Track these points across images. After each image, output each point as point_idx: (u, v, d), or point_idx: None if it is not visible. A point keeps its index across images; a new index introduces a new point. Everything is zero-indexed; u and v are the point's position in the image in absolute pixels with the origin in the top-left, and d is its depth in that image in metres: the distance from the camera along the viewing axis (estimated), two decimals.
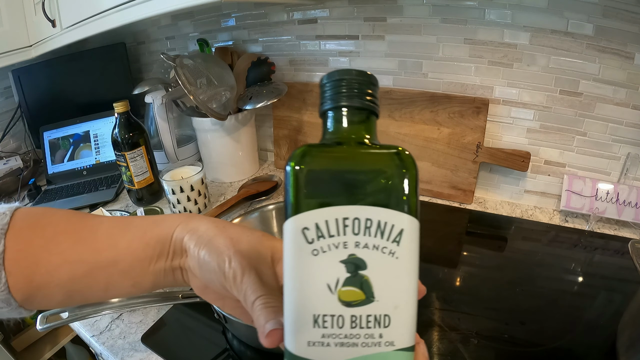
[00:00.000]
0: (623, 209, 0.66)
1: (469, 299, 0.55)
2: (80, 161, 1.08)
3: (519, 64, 0.68)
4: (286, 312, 0.19)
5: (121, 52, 1.13)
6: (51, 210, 0.29)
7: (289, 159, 0.20)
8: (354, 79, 0.21)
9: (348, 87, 0.21)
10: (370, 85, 0.21)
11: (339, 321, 0.19)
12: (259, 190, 0.84)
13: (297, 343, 0.19)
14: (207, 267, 0.26)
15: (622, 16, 0.58)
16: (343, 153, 0.20)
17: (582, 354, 0.45)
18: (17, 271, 0.26)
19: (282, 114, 0.96)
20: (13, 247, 0.26)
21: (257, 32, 0.94)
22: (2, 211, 0.27)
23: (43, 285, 0.26)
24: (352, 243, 0.19)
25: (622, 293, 0.55)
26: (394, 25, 0.76)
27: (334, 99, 0.21)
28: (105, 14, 0.72)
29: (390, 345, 0.19)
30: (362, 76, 0.21)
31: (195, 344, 0.50)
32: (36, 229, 0.27)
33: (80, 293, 0.28)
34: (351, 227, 0.18)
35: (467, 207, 0.77)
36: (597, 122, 0.66)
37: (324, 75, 0.22)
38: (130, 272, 0.27)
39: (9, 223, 0.26)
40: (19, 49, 1.00)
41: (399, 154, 0.19)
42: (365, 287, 0.19)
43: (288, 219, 0.19)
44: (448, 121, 0.76)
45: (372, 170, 0.19)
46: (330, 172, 0.19)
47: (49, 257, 0.26)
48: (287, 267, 0.19)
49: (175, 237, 0.28)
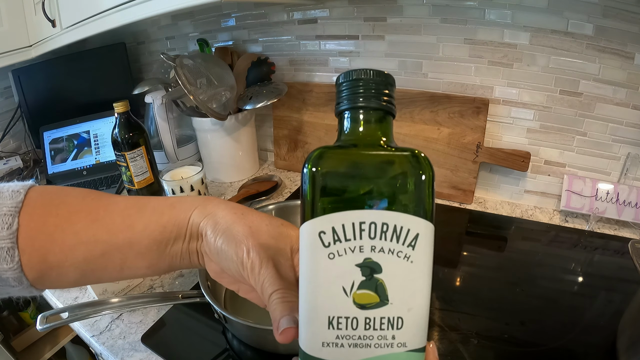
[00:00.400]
0: (623, 209, 0.66)
1: (469, 299, 0.55)
2: (80, 161, 1.07)
3: (519, 64, 0.68)
4: (301, 313, 0.20)
5: (121, 52, 1.13)
6: (66, 189, 0.29)
7: (306, 161, 0.19)
8: (371, 79, 0.21)
9: (365, 87, 0.21)
10: (387, 85, 0.21)
11: (353, 323, 0.19)
12: (259, 190, 0.84)
13: (312, 343, 0.19)
14: (225, 255, 0.26)
15: (622, 16, 0.58)
16: (360, 156, 0.20)
17: (582, 354, 0.45)
18: (31, 250, 0.25)
19: (282, 114, 0.96)
20: (27, 226, 0.25)
21: (257, 32, 0.94)
22: (17, 189, 0.27)
23: (57, 265, 0.26)
24: (368, 247, 0.19)
25: (622, 293, 0.55)
26: (394, 25, 0.76)
27: (350, 99, 0.21)
28: (105, 14, 0.72)
29: (403, 346, 0.19)
30: (379, 76, 0.21)
31: (195, 344, 0.50)
32: (51, 208, 0.27)
33: (94, 273, 0.28)
34: (367, 231, 0.19)
35: (467, 207, 0.77)
36: (597, 122, 0.66)
37: (341, 74, 0.21)
38: (146, 254, 0.27)
39: (24, 201, 0.26)
40: (18, 49, 1.00)
41: (415, 157, 0.19)
42: (379, 290, 0.19)
43: (305, 222, 0.19)
44: (448, 121, 0.76)
45: (389, 174, 0.19)
46: (346, 175, 0.19)
47: (63, 236, 0.26)
48: (303, 270, 0.20)
49: (192, 220, 0.27)
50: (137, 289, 0.61)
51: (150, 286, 0.61)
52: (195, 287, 0.59)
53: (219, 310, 0.44)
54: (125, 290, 0.59)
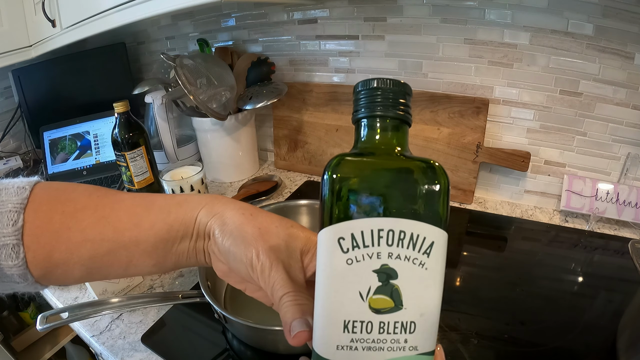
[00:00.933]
0: (623, 209, 0.66)
1: (469, 299, 0.55)
2: (80, 161, 1.07)
3: (519, 64, 0.68)
4: (317, 317, 0.20)
5: (121, 52, 1.13)
6: (72, 185, 0.29)
7: (326, 168, 0.20)
8: (389, 88, 0.21)
9: (383, 96, 0.21)
10: (405, 95, 0.22)
11: (368, 327, 0.19)
12: (259, 190, 0.84)
13: (326, 346, 0.20)
14: (234, 256, 0.26)
15: (622, 16, 0.58)
16: (378, 165, 0.21)
17: (582, 354, 0.45)
18: (37, 247, 0.25)
19: (282, 114, 0.96)
20: (32, 223, 0.25)
21: (257, 32, 0.94)
22: (22, 185, 0.26)
23: (62, 263, 0.26)
24: (385, 254, 0.19)
25: (622, 293, 0.55)
26: (394, 25, 0.76)
27: (368, 108, 0.21)
28: (106, 14, 0.72)
29: (414, 349, 0.20)
30: (397, 86, 0.21)
31: (195, 344, 0.50)
32: (56, 205, 0.27)
33: (99, 270, 0.28)
34: (385, 238, 0.19)
35: (467, 207, 0.77)
36: (597, 122, 0.66)
37: (360, 82, 0.22)
38: (152, 253, 0.27)
39: (29, 197, 0.26)
40: (18, 49, 1.00)
41: (432, 168, 0.20)
42: (394, 296, 0.19)
43: (325, 228, 0.20)
44: (448, 121, 0.76)
45: (407, 183, 0.20)
46: (365, 183, 0.20)
47: (69, 234, 0.26)
48: (320, 274, 0.20)
49: (199, 220, 0.27)
50: (137, 289, 0.61)
51: (150, 286, 0.61)
52: (195, 287, 0.59)
53: (219, 310, 0.44)
54: (125, 290, 0.59)
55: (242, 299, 0.55)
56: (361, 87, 0.22)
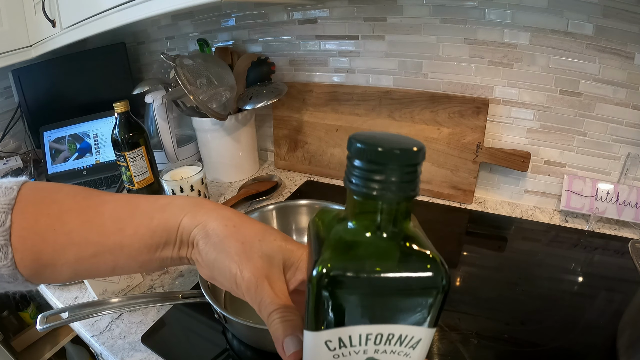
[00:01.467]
0: (623, 209, 0.66)
1: (469, 299, 0.55)
2: (80, 161, 1.07)
3: (519, 64, 0.68)
4: None
5: (121, 52, 1.13)
6: (57, 186, 0.29)
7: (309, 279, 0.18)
8: (393, 166, 0.16)
9: (385, 174, 0.17)
10: (411, 167, 0.17)
11: None
12: (259, 190, 0.84)
13: None
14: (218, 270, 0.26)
15: (622, 16, 0.58)
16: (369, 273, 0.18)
17: (582, 354, 0.45)
18: (24, 248, 0.25)
19: (282, 114, 0.96)
20: (19, 224, 0.25)
21: (257, 32, 0.94)
22: (10, 185, 0.27)
23: (50, 264, 0.26)
24: (371, 350, 0.20)
25: (622, 293, 0.55)
26: (394, 25, 0.76)
27: (366, 186, 0.17)
28: (105, 14, 0.72)
29: None
30: (404, 157, 0.16)
31: (195, 344, 0.50)
32: (42, 207, 0.27)
33: (87, 272, 0.28)
34: (373, 340, 0.19)
35: (467, 207, 0.77)
36: (597, 122, 0.66)
37: (358, 138, 0.17)
38: (137, 257, 0.28)
39: (16, 198, 0.26)
40: (18, 49, 1.00)
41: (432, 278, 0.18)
42: None
43: (311, 332, 0.19)
44: (448, 121, 0.76)
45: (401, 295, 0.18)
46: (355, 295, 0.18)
47: (55, 237, 0.26)
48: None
49: (182, 227, 0.27)
50: (137, 289, 0.61)
51: (150, 286, 0.61)
52: (195, 287, 0.59)
53: (219, 310, 0.44)
54: (125, 290, 0.59)
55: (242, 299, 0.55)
56: (356, 151, 0.17)
